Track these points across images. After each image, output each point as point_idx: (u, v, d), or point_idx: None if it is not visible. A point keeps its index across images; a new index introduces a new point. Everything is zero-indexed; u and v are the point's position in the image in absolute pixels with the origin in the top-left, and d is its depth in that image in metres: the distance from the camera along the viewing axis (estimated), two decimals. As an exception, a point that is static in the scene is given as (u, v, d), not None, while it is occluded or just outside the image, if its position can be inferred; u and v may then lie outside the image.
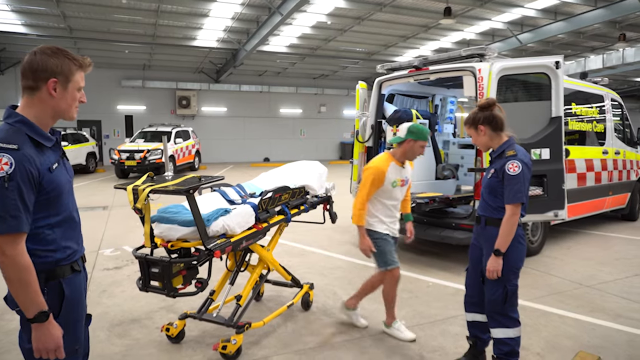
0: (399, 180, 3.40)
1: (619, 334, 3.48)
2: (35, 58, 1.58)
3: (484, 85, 4.83)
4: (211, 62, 21.69)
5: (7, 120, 1.58)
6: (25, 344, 1.65)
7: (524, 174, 2.67)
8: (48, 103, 1.61)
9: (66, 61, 1.62)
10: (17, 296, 1.53)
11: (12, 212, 1.47)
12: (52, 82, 1.59)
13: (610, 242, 6.48)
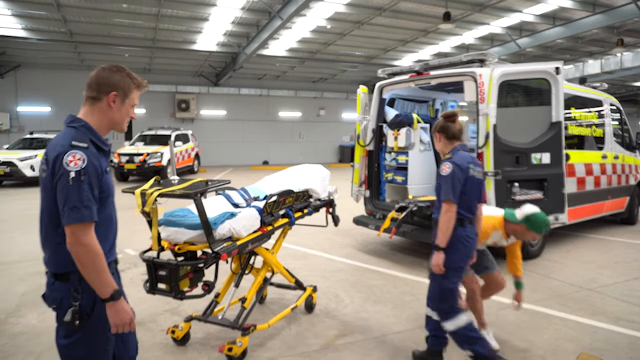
0: (493, 242, 3.36)
1: (620, 336, 3.52)
2: (102, 73, 1.80)
3: (485, 91, 4.88)
4: (211, 65, 21.77)
5: (72, 124, 1.77)
6: (61, 339, 1.77)
7: (454, 174, 2.86)
8: (106, 114, 1.82)
9: (127, 79, 1.84)
10: (92, 280, 1.67)
11: (86, 203, 1.64)
12: (113, 95, 1.80)
13: (609, 246, 6.53)
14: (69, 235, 1.64)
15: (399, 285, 4.82)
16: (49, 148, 1.74)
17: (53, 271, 1.77)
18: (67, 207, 1.63)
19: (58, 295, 1.76)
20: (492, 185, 4.80)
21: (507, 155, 4.82)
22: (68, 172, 1.63)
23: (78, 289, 1.72)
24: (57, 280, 1.76)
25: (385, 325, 3.76)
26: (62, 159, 1.65)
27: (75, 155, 1.65)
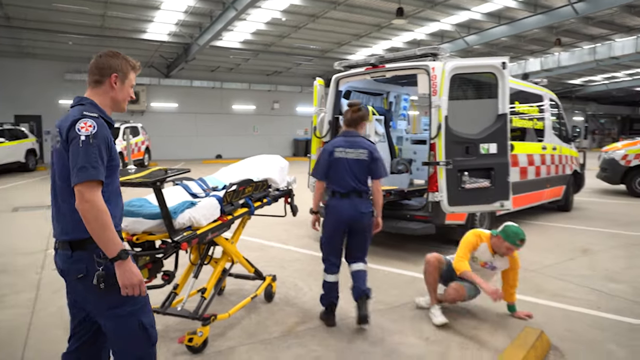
0: (481, 262, 3.70)
1: (557, 310, 3.82)
2: (101, 59, 2.00)
3: (438, 83, 5.08)
4: (162, 56, 21.08)
5: (81, 102, 1.95)
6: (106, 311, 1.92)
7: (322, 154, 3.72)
8: (109, 94, 2.00)
9: (124, 62, 2.04)
10: (99, 238, 1.76)
11: (93, 164, 1.77)
12: (114, 76, 1.99)
13: (549, 231, 7.00)
14: (77, 195, 1.75)
15: (356, 272, 4.94)
16: (62, 121, 1.89)
17: (69, 240, 1.87)
18: (76, 167, 1.75)
19: (82, 265, 1.86)
20: (444, 174, 5.02)
21: (458, 145, 5.05)
22: (79, 136, 1.78)
23: (100, 254, 1.81)
24: (75, 250, 1.87)
25: (343, 311, 3.85)
26: (74, 125, 1.81)
27: (87, 122, 1.81)
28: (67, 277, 1.95)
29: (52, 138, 1.99)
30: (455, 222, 5.56)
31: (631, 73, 28.83)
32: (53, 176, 1.94)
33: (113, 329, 1.95)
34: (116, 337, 1.97)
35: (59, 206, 1.92)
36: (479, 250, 3.74)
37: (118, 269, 1.80)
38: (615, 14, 16.20)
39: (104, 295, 1.86)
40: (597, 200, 10.29)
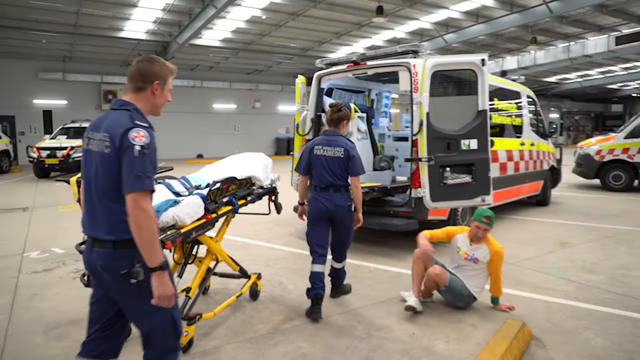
0: (463, 252, 3.83)
1: (538, 302, 3.91)
2: (143, 65, 2.04)
3: (419, 80, 5.12)
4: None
5: (125, 107, 1.99)
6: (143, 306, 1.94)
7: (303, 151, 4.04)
8: (149, 100, 2.06)
9: (164, 68, 2.07)
10: (146, 246, 1.83)
11: (148, 174, 1.85)
12: (156, 83, 2.05)
13: (528, 225, 7.15)
14: (130, 202, 1.82)
15: (340, 269, 4.96)
16: (109, 127, 1.93)
17: (114, 239, 1.92)
18: (132, 176, 1.82)
19: (126, 262, 1.91)
20: (426, 170, 5.07)
21: (439, 141, 5.11)
22: (133, 145, 1.85)
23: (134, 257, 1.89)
24: (118, 249, 1.92)
25: (329, 308, 3.87)
26: (128, 134, 1.86)
27: (139, 132, 1.88)
28: (103, 274, 1.98)
29: (84, 139, 2.05)
30: (438, 218, 5.63)
31: (603, 71, 29.65)
32: (90, 177, 1.99)
33: (147, 323, 2.02)
34: (149, 330, 2.04)
35: (99, 207, 1.96)
36: (459, 239, 3.89)
37: (156, 279, 1.85)
38: (587, 13, 16.62)
39: (142, 290, 1.91)
40: (573, 194, 10.56)
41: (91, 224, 2.01)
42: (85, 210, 2.05)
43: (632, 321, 3.49)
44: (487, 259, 3.70)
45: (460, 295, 3.70)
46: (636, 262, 5.05)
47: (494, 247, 3.72)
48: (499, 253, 3.71)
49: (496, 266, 3.70)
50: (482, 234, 3.73)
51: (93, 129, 2.02)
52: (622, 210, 8.29)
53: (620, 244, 5.90)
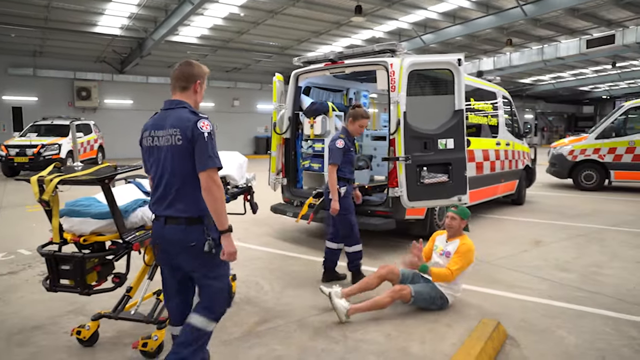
0: (439, 249, 3.87)
1: (513, 301, 3.94)
2: (186, 68, 2.43)
3: (396, 79, 5.11)
4: (115, 51, 20.26)
5: (181, 105, 2.37)
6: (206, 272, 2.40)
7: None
8: (192, 97, 2.44)
9: (202, 70, 2.45)
10: (218, 212, 2.24)
11: (216, 154, 2.25)
12: (198, 83, 2.43)
13: (503, 224, 7.24)
14: (206, 178, 2.21)
15: (315, 269, 4.91)
16: (176, 123, 2.29)
17: (186, 216, 2.32)
18: (205, 156, 2.22)
19: (195, 236, 2.31)
20: (403, 170, 5.07)
21: (416, 141, 5.11)
22: (202, 133, 2.24)
23: (210, 227, 2.32)
24: (190, 225, 2.32)
25: (305, 309, 3.81)
26: (196, 125, 2.25)
27: (204, 122, 2.28)
28: (175, 246, 2.37)
29: (145, 138, 2.45)
30: (415, 217, 5.64)
31: (575, 73, 30.47)
32: (162, 167, 2.36)
33: (208, 287, 2.44)
34: (209, 293, 2.44)
35: (174, 191, 2.33)
36: (438, 239, 3.96)
37: (226, 239, 2.29)
38: (560, 17, 17.02)
39: (207, 260, 2.35)
40: (547, 193, 10.78)
41: (164, 205, 2.37)
42: (157, 194, 2.41)
43: (603, 319, 3.54)
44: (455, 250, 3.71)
45: (432, 299, 3.67)
46: (607, 260, 5.16)
47: (464, 240, 3.74)
48: (466, 244, 3.68)
49: (458, 255, 3.63)
50: (455, 224, 3.74)
51: (154, 127, 2.40)
52: (594, 210, 8.49)
53: (592, 242, 6.02)
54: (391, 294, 3.58)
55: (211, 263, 2.39)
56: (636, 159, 10.48)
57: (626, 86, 36.38)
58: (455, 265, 3.62)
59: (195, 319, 2.42)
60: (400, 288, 3.62)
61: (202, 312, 2.44)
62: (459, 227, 3.77)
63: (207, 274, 2.43)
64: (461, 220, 3.76)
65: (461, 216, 3.76)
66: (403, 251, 5.63)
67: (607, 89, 38.42)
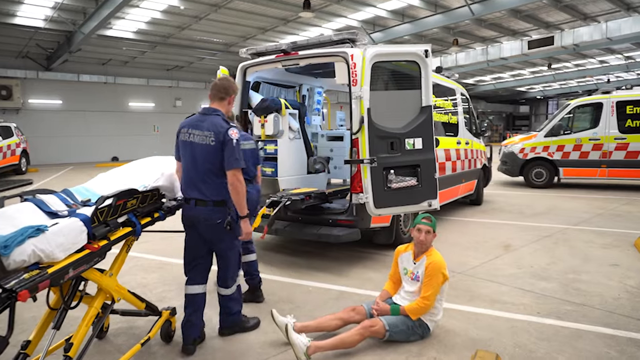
0: (409, 271, 3.28)
1: (500, 321, 3.48)
2: (225, 82, 3.13)
3: (358, 72, 4.56)
4: (39, 45, 18.35)
5: (215, 113, 3.05)
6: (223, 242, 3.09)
7: None
8: (225, 107, 3.12)
9: (234, 85, 3.17)
10: (240, 203, 2.91)
11: (240, 157, 2.90)
12: (233, 95, 3.16)
13: (467, 227, 6.91)
14: (231, 175, 2.86)
15: (273, 290, 4.26)
16: (212, 127, 2.93)
17: (215, 199, 2.95)
18: (232, 158, 2.85)
19: (220, 215, 2.95)
20: (368, 173, 4.53)
21: (382, 140, 4.58)
22: (232, 139, 2.88)
23: (229, 209, 2.95)
24: (216, 206, 2.95)
25: (262, 347, 3.15)
26: (227, 132, 2.89)
27: (234, 130, 2.93)
28: (203, 223, 2.98)
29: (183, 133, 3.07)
30: (380, 225, 5.11)
31: (514, 74, 31.73)
32: (193, 159, 2.97)
33: (227, 254, 3.11)
34: (227, 258, 3.13)
35: (202, 179, 2.94)
36: (404, 259, 3.36)
37: (243, 223, 2.96)
38: (503, 18, 17.38)
39: (228, 234, 3.00)
40: (500, 192, 10.73)
41: (194, 190, 2.96)
42: (187, 180, 3.00)
43: (602, 338, 3.15)
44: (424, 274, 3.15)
45: (411, 330, 3.11)
46: (580, 265, 4.89)
47: (430, 258, 3.16)
48: (434, 264, 3.11)
49: (427, 278, 3.09)
50: (424, 238, 3.19)
51: (192, 127, 3.00)
52: (550, 208, 8.42)
53: (559, 244, 5.78)
54: (361, 330, 2.99)
55: (229, 237, 3.04)
56: (583, 156, 10.68)
57: (558, 87, 38.52)
58: (428, 291, 3.07)
59: (221, 290, 3.25)
60: (371, 323, 3.03)
61: (221, 283, 3.24)
62: (430, 242, 3.25)
63: (228, 246, 3.09)
64: (434, 234, 3.24)
65: (434, 228, 3.24)
66: (369, 262, 5.10)
67: (541, 90, 40.48)
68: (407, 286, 3.28)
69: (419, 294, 3.16)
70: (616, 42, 18.19)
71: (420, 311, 3.08)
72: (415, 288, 3.21)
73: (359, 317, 3.25)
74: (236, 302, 3.30)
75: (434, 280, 3.07)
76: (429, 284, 3.07)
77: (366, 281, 4.47)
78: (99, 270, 2.65)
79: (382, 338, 3.07)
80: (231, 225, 2.93)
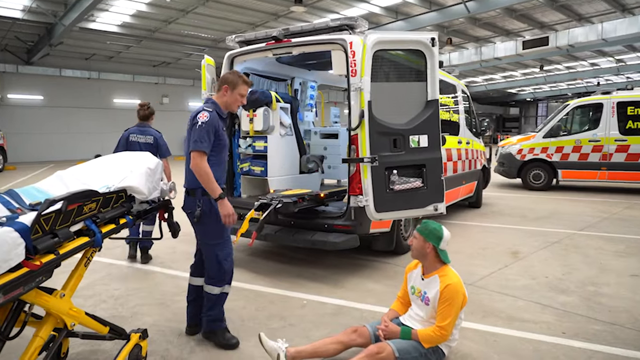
0: (418, 290, 2.82)
1: (522, 342, 3.05)
2: (224, 75, 3.10)
3: (358, 62, 4.10)
4: (18, 38, 17.58)
5: (208, 101, 3.06)
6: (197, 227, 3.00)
7: None
8: (221, 98, 3.05)
9: (236, 77, 3.04)
10: (206, 186, 2.80)
11: (202, 140, 2.80)
12: (225, 87, 3.02)
13: (469, 231, 6.50)
14: (191, 158, 2.80)
15: (263, 304, 3.78)
16: (193, 113, 2.94)
17: (187, 188, 2.98)
18: (192, 140, 2.81)
19: (189, 204, 2.97)
20: (369, 174, 4.07)
21: (384, 137, 4.14)
22: (197, 122, 2.84)
23: (200, 199, 2.90)
24: (188, 195, 2.98)
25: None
26: (197, 115, 2.89)
27: (204, 113, 2.87)
28: (184, 209, 3.02)
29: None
30: (379, 230, 4.66)
31: (506, 75, 31.63)
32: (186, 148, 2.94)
33: (203, 248, 3.07)
34: (205, 253, 3.07)
35: (187, 167, 2.93)
36: (413, 276, 2.90)
37: (219, 205, 2.83)
38: (498, 17, 17.11)
39: (199, 227, 2.99)
40: (498, 194, 10.36)
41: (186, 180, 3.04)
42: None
43: (642, 365, 2.74)
44: (437, 298, 2.66)
45: (423, 357, 2.62)
46: (597, 275, 4.49)
47: (446, 280, 2.65)
48: (450, 287, 2.60)
49: (444, 304, 2.60)
50: (410, 242, 2.80)
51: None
52: (552, 212, 8.05)
53: (569, 251, 5.39)
54: (366, 359, 2.52)
55: (203, 230, 2.98)
56: (582, 157, 10.36)
57: (549, 89, 38.57)
58: (445, 320, 2.59)
59: (205, 286, 3.07)
60: (378, 349, 2.56)
61: (206, 280, 3.07)
62: (435, 257, 2.76)
63: (202, 239, 3.04)
64: (427, 243, 2.72)
65: (424, 235, 2.72)
66: (367, 271, 4.64)
67: (532, 92, 40.52)
68: (416, 308, 2.82)
69: (429, 321, 2.71)
70: (611, 43, 17.99)
71: (435, 341, 2.62)
72: (424, 314, 2.75)
73: (361, 340, 2.79)
74: (215, 308, 3.06)
75: (452, 307, 2.60)
76: (445, 311, 2.59)
77: (366, 293, 4.02)
78: (46, 290, 2.16)
79: None
80: (199, 217, 2.87)
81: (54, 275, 2.06)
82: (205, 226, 2.92)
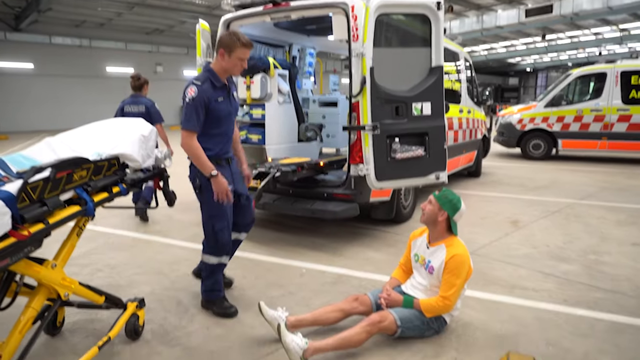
0: (422, 258, 2.77)
1: (523, 311, 3.03)
2: (220, 36, 2.88)
3: (360, 26, 3.93)
4: (5, 3, 16.97)
5: (204, 69, 2.89)
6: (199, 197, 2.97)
7: None
8: (219, 62, 2.84)
9: (233, 39, 2.77)
10: (197, 163, 2.78)
11: (190, 119, 2.71)
12: (222, 50, 2.80)
13: (468, 200, 6.33)
14: (181, 137, 2.75)
15: (261, 274, 3.75)
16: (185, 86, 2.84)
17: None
18: (182, 119, 2.75)
19: (192, 176, 2.93)
20: (370, 142, 3.97)
21: (386, 105, 4.02)
22: (186, 97, 2.74)
23: (197, 173, 2.86)
24: (191, 165, 2.92)
25: (251, 346, 2.64)
26: (185, 90, 2.76)
27: (192, 89, 2.73)
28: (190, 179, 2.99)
29: None
30: (379, 199, 4.60)
31: (507, 45, 31.01)
32: None
33: (202, 217, 3.01)
34: (203, 222, 3.02)
35: None
36: (417, 244, 2.86)
37: (213, 182, 2.77)
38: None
39: (199, 198, 2.96)
40: (498, 164, 10.30)
41: None
42: None
43: (645, 333, 2.72)
44: (442, 268, 2.61)
45: (425, 325, 2.62)
46: (599, 244, 4.47)
47: (453, 250, 2.61)
48: (457, 257, 2.57)
49: (449, 274, 2.56)
50: (424, 206, 2.73)
51: None
52: (552, 181, 8.01)
53: (570, 220, 5.36)
54: (368, 327, 2.48)
55: (201, 201, 2.96)
56: (583, 127, 10.26)
57: (549, 59, 37.96)
58: (450, 290, 2.55)
59: (203, 255, 3.07)
60: (380, 318, 2.52)
61: (204, 249, 3.07)
62: (445, 226, 2.71)
63: (201, 209, 3.00)
64: (441, 211, 2.68)
65: (441, 203, 2.67)
66: (367, 240, 4.60)
67: (532, 62, 39.90)
68: (419, 277, 2.78)
69: (431, 290, 2.67)
70: (616, 11, 17.54)
71: (438, 311, 2.59)
72: (427, 282, 2.71)
73: (363, 308, 2.76)
74: (212, 278, 3.05)
75: (457, 278, 2.56)
76: (450, 281, 2.55)
77: (365, 262, 3.99)
78: (37, 260, 2.08)
79: (392, 335, 2.59)
80: (198, 188, 2.89)
81: (49, 245, 1.98)
82: (204, 198, 2.90)
